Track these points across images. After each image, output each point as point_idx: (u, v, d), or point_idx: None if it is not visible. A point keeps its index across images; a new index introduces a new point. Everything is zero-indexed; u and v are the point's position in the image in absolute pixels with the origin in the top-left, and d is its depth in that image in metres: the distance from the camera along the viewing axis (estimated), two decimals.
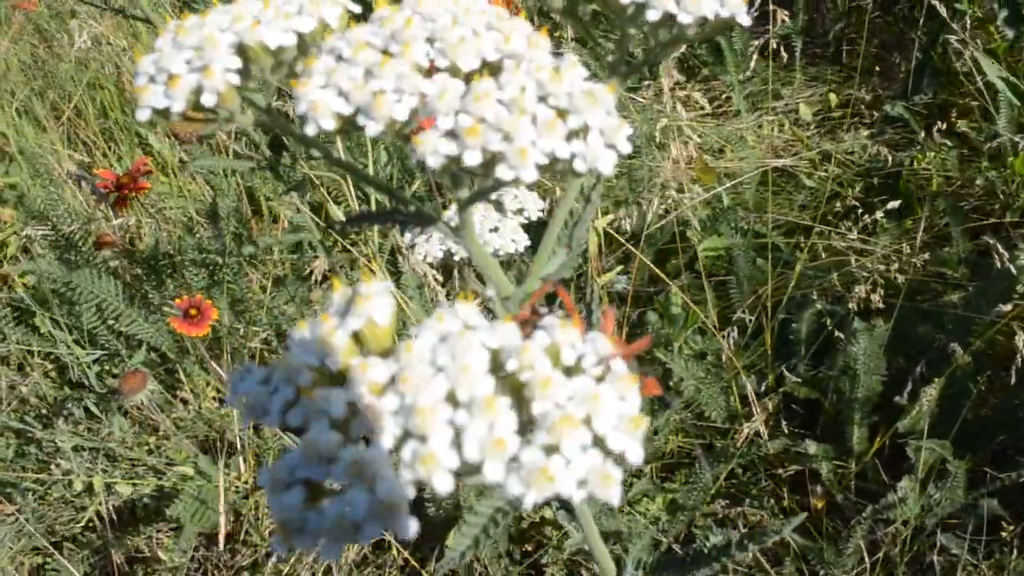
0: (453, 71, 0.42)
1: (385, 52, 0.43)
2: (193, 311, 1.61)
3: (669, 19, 0.45)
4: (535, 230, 1.03)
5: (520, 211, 1.10)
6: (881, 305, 1.52)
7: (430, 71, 0.42)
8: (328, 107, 0.41)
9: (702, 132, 2.21)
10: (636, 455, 0.35)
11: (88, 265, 1.89)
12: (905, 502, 1.48)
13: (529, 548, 1.64)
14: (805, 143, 2.30)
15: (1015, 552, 1.45)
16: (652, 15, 0.45)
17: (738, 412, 1.64)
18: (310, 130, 0.42)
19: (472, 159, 0.39)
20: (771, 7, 1.71)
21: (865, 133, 2.31)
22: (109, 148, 2.37)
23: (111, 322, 1.81)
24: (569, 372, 0.37)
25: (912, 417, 1.53)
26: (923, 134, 2.24)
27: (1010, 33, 2.24)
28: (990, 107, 2.15)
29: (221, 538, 1.65)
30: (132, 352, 1.87)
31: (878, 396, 1.61)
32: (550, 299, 0.46)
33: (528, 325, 0.38)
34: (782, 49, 1.80)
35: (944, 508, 1.48)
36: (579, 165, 0.40)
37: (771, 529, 0.74)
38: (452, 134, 0.40)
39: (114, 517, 1.79)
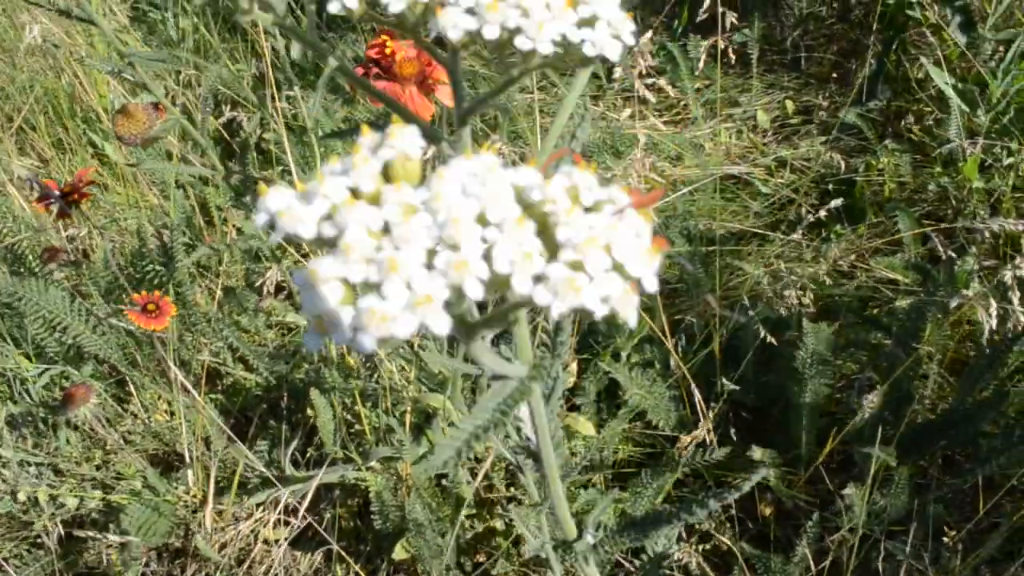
0: None
1: None
2: (151, 306, 1.59)
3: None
4: None
5: None
6: (812, 309, 1.52)
7: None
8: None
9: (655, 140, 2.22)
10: (651, 283, 0.38)
11: (35, 276, 1.86)
12: (852, 509, 1.48)
13: (480, 559, 1.63)
14: (761, 150, 2.31)
15: (959, 557, 1.45)
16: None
17: (688, 420, 1.64)
18: (334, 7, 0.45)
19: (491, 33, 0.43)
20: (719, 9, 1.72)
21: (820, 140, 2.32)
22: (62, 159, 2.35)
23: (58, 335, 1.79)
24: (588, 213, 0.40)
25: (858, 423, 1.53)
26: (877, 140, 2.26)
27: (962, 39, 2.26)
28: (942, 113, 2.16)
29: None
30: (81, 365, 1.85)
31: (826, 401, 1.61)
32: None
33: (547, 176, 0.40)
34: (731, 51, 1.80)
35: (890, 514, 1.48)
36: (588, 49, 0.44)
37: (731, 486, 0.76)
38: (472, 12, 0.44)
39: (61, 532, 1.77)
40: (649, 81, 1.51)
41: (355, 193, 0.38)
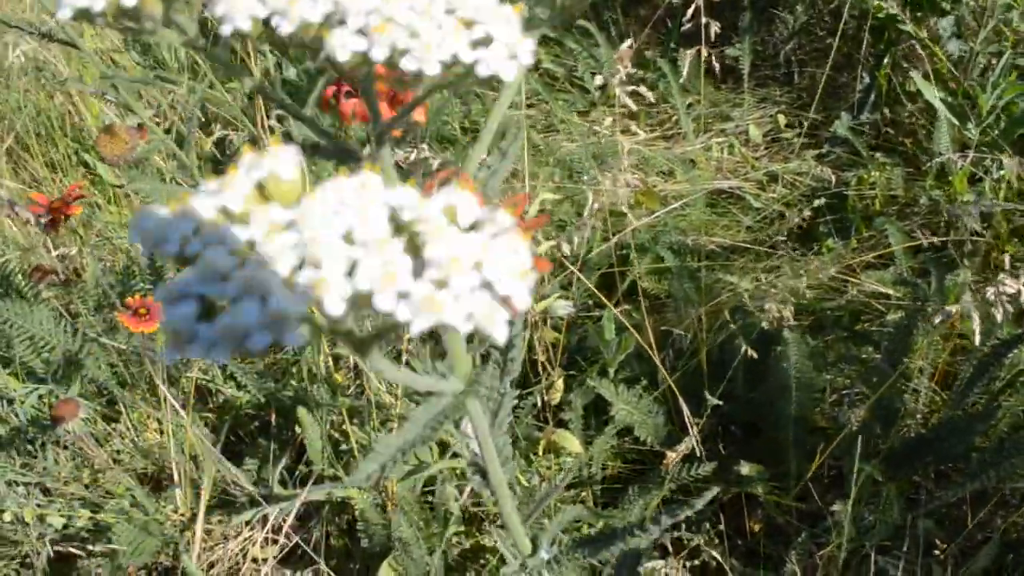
0: None
1: None
2: (143, 310, 1.59)
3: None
4: None
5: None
6: (794, 322, 1.51)
7: None
8: (244, 7, 0.44)
9: (646, 155, 2.22)
10: (522, 300, 0.37)
11: (22, 297, 1.87)
12: (841, 525, 1.47)
13: None
14: (753, 164, 2.31)
15: (950, 572, 1.44)
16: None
17: (677, 435, 1.63)
18: (226, 29, 0.44)
19: (379, 54, 0.42)
20: (703, 19, 1.72)
21: (812, 153, 2.32)
22: (55, 179, 2.36)
23: (46, 355, 1.79)
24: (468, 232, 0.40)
25: (847, 437, 1.52)
26: (868, 153, 2.25)
27: (953, 53, 2.26)
28: (933, 126, 2.16)
29: None
30: (69, 385, 1.85)
31: (815, 415, 1.60)
32: None
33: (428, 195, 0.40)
34: (715, 61, 1.80)
35: (880, 529, 1.47)
36: (481, 69, 0.43)
37: (686, 504, 0.75)
38: (361, 33, 0.43)
39: (50, 552, 1.76)
40: (630, 88, 1.51)
41: (226, 213, 0.38)
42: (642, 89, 1.56)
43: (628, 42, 1.47)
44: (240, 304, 0.35)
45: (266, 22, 0.44)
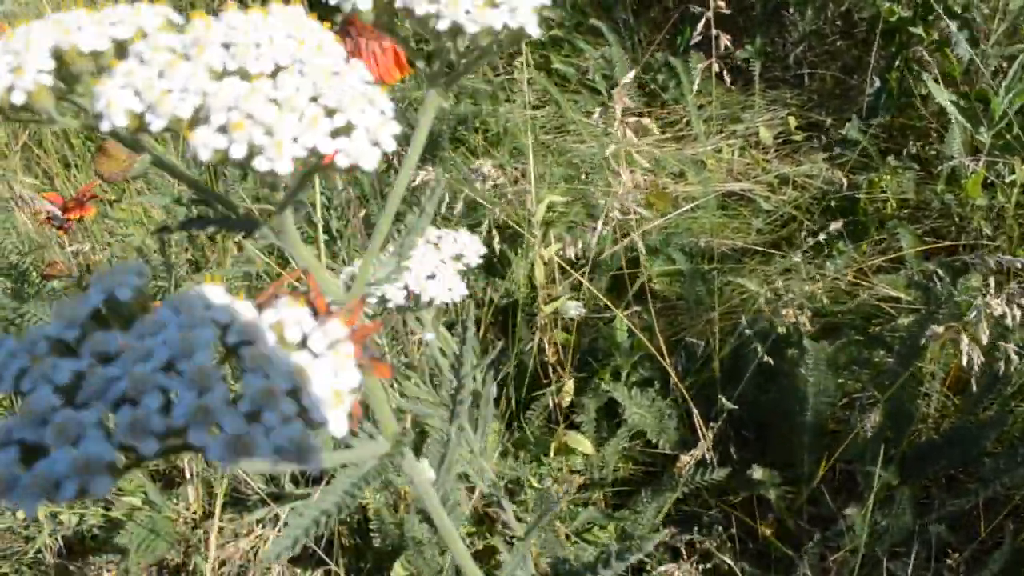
0: (243, 75, 0.44)
1: (185, 56, 0.45)
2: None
3: (458, 29, 0.47)
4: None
5: (459, 257, 1.06)
6: (809, 328, 1.51)
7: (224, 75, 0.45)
8: (121, 105, 0.43)
9: (658, 157, 2.22)
10: (337, 427, 0.37)
11: (37, 296, 1.87)
12: (853, 529, 1.47)
13: None
14: (763, 167, 2.31)
15: None
16: (442, 25, 0.46)
17: (688, 439, 1.63)
18: (104, 127, 0.44)
19: (238, 152, 0.41)
20: (714, 31, 1.72)
21: (823, 156, 2.32)
22: (68, 177, 2.37)
23: None
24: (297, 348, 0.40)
25: (859, 441, 1.52)
26: (879, 157, 2.25)
27: (965, 56, 2.26)
28: (945, 130, 2.16)
29: None
30: None
31: (828, 419, 1.60)
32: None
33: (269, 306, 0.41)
34: (725, 73, 1.80)
35: (892, 534, 1.47)
36: (341, 160, 0.42)
37: (643, 539, 0.74)
38: (224, 129, 0.42)
39: (62, 548, 1.77)
40: (631, 120, 1.51)
41: (60, 343, 0.39)
42: (645, 121, 1.56)
43: (631, 74, 1.47)
44: (53, 452, 0.35)
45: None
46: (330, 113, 0.43)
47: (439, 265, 1.02)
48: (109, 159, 1.30)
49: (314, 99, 0.43)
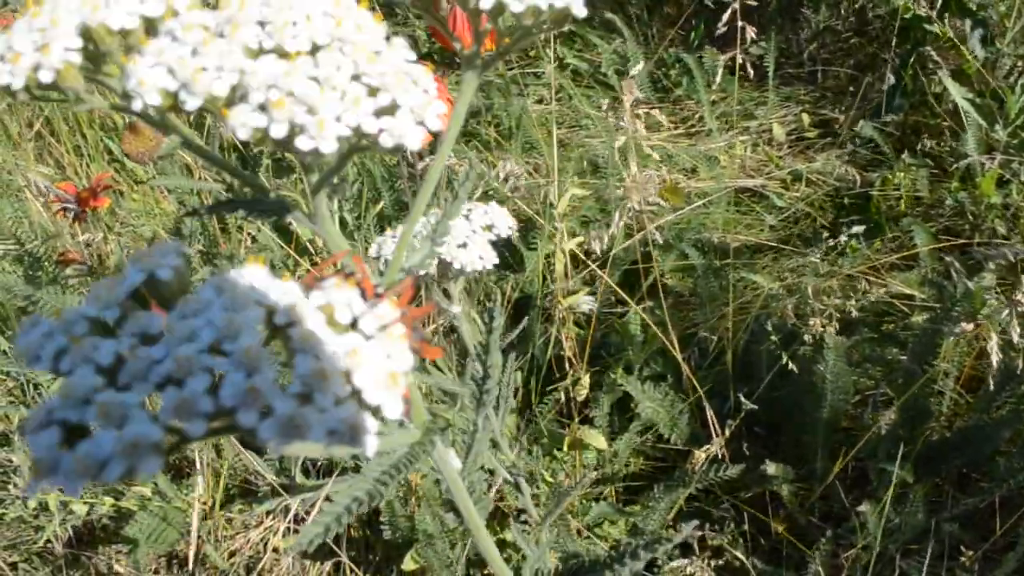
0: (280, 53, 0.43)
1: (219, 34, 0.44)
2: None
3: (501, 9, 0.46)
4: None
5: (490, 227, 1.07)
6: (836, 336, 1.51)
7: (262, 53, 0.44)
8: (153, 83, 0.42)
9: (670, 152, 2.21)
10: (392, 410, 0.36)
11: (53, 283, 1.87)
12: (866, 526, 1.47)
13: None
14: (777, 163, 2.30)
15: None
16: (485, 4, 0.46)
17: (700, 434, 1.63)
18: (136, 106, 0.43)
19: (278, 131, 0.41)
20: (739, 23, 1.71)
21: (837, 153, 2.31)
22: (80, 166, 2.37)
23: None
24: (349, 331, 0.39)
25: (872, 439, 1.51)
26: (893, 154, 2.24)
27: (981, 54, 2.25)
28: (959, 128, 2.15)
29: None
30: None
31: (843, 416, 1.60)
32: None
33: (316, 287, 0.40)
34: (748, 66, 1.79)
35: (905, 532, 1.47)
36: (385, 140, 0.42)
37: (664, 537, 0.73)
38: (263, 108, 0.41)
39: (72, 538, 1.77)
40: (641, 112, 1.50)
41: (98, 324, 0.38)
42: (655, 112, 1.56)
43: (640, 66, 1.46)
44: (97, 433, 0.34)
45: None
46: (372, 92, 0.42)
47: (470, 235, 1.03)
48: (137, 137, 1.30)
49: (356, 78, 0.42)
